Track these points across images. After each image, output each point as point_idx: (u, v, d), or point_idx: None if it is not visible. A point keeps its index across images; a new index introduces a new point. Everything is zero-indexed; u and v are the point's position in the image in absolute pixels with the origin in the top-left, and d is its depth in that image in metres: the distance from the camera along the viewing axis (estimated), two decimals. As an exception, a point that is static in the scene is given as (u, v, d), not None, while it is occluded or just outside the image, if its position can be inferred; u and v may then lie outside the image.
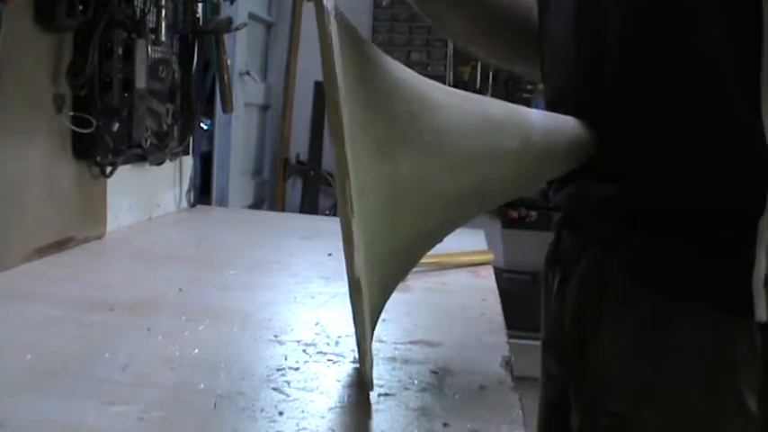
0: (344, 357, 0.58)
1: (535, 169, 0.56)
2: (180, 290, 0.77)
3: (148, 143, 1.05)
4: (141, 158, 1.06)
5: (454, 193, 0.51)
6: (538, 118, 0.56)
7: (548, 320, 0.69)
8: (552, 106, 0.63)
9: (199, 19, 1.19)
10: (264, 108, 2.83)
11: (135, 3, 0.96)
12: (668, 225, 0.54)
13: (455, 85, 2.72)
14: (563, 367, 0.65)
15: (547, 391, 0.70)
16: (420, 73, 0.52)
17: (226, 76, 1.27)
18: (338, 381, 0.54)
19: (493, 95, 2.73)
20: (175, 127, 1.15)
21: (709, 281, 0.52)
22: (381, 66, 0.49)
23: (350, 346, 0.60)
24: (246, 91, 2.48)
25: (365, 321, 0.45)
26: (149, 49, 1.01)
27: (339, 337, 0.63)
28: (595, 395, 0.58)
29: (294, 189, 2.92)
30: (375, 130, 0.46)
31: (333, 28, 0.42)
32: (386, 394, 0.51)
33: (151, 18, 1.02)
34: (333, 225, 0.59)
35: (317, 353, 0.59)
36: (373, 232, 0.45)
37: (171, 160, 1.17)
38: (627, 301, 0.56)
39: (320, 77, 0.54)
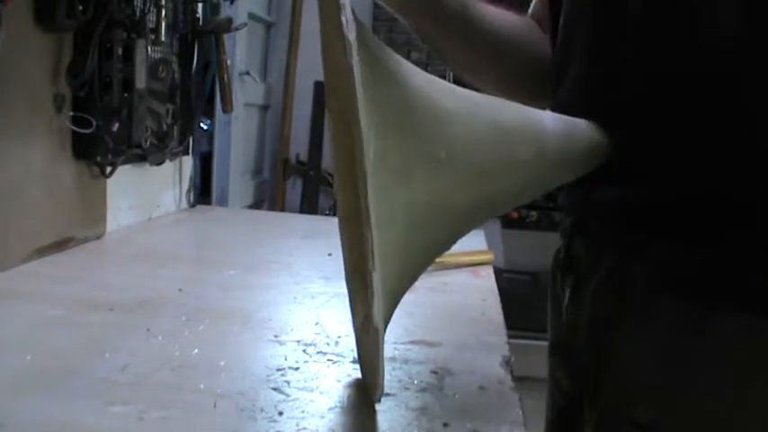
0: (344, 357, 0.58)
1: (549, 177, 0.55)
2: (180, 290, 0.77)
3: (148, 143, 1.05)
4: (141, 158, 1.06)
5: (467, 206, 0.49)
6: (552, 122, 0.53)
7: (557, 328, 0.67)
8: (563, 106, 0.62)
9: (199, 19, 1.19)
10: (264, 108, 2.83)
11: (135, 3, 0.96)
12: (690, 229, 0.53)
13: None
14: (576, 378, 0.63)
15: (555, 401, 0.69)
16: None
17: (225, 77, 1.27)
18: (338, 381, 0.54)
19: (494, 96, 2.72)
20: (175, 127, 1.15)
21: (738, 284, 0.51)
22: (397, 78, 0.46)
23: (350, 346, 0.60)
24: (246, 91, 2.48)
25: (380, 359, 0.44)
26: (149, 49, 1.01)
27: (339, 336, 0.63)
28: (615, 406, 0.56)
29: (294, 189, 2.92)
30: (393, 155, 0.44)
31: (355, 62, 0.39)
32: (386, 394, 0.51)
33: (151, 18, 1.02)
34: (333, 225, 0.59)
35: (317, 353, 0.59)
36: (389, 262, 0.44)
37: (171, 160, 1.17)
38: (651, 309, 0.54)
39: (320, 77, 0.54)
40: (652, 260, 0.55)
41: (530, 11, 0.77)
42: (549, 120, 0.54)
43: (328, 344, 0.61)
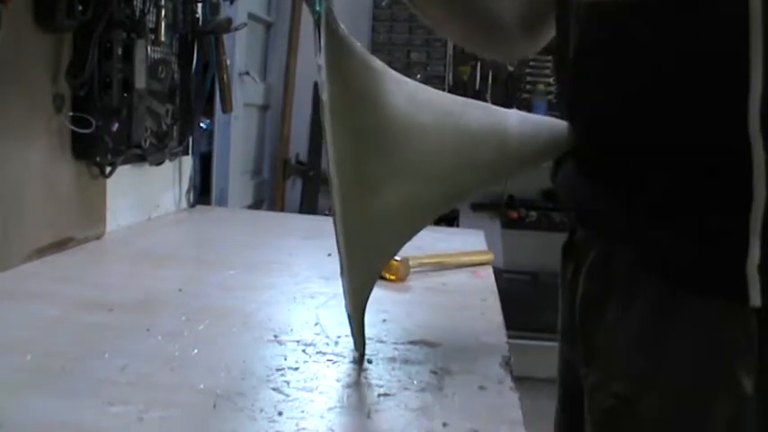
0: (344, 357, 0.58)
1: (510, 170, 0.63)
2: (180, 290, 0.77)
3: (148, 143, 1.05)
4: (141, 158, 1.06)
5: (432, 203, 0.57)
6: (515, 126, 0.59)
7: (562, 310, 0.70)
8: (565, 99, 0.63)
9: (198, 19, 1.19)
10: (264, 108, 2.83)
11: (135, 3, 0.96)
12: (667, 215, 0.55)
13: (454, 86, 2.72)
14: (575, 354, 0.66)
15: (563, 379, 0.72)
16: (420, 73, 0.52)
17: (225, 77, 1.27)
18: (338, 381, 0.54)
19: (492, 96, 2.72)
20: (175, 127, 1.15)
21: (706, 268, 0.54)
22: (375, 103, 0.51)
23: (349, 346, 0.60)
24: (246, 91, 2.48)
25: (354, 335, 0.57)
26: (149, 49, 1.01)
27: (339, 337, 0.63)
28: (601, 378, 0.59)
29: (294, 189, 2.91)
30: (366, 174, 0.52)
31: (325, 97, 0.48)
32: (386, 394, 0.51)
33: (151, 18, 1.02)
34: (332, 225, 0.59)
35: (317, 353, 0.59)
36: (361, 258, 0.53)
37: (170, 160, 1.17)
38: (631, 290, 0.57)
39: (320, 77, 0.54)
40: (631, 243, 0.58)
41: None
42: (513, 123, 0.59)
43: (328, 344, 0.61)
